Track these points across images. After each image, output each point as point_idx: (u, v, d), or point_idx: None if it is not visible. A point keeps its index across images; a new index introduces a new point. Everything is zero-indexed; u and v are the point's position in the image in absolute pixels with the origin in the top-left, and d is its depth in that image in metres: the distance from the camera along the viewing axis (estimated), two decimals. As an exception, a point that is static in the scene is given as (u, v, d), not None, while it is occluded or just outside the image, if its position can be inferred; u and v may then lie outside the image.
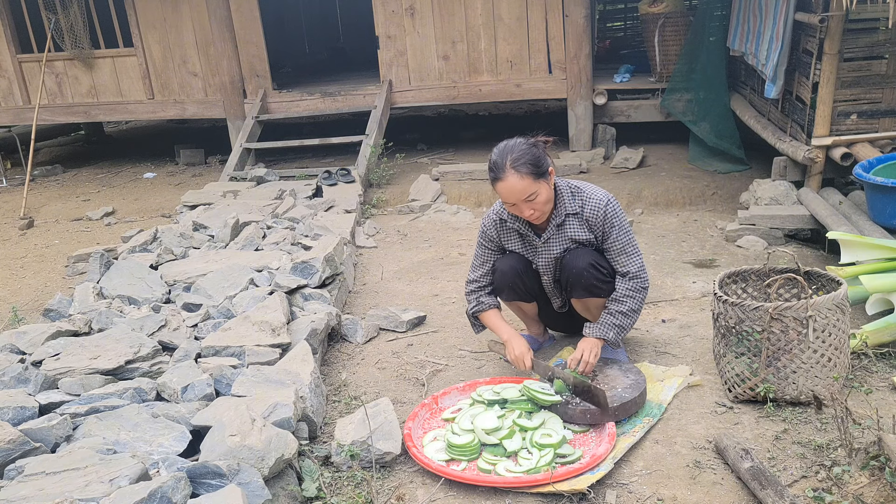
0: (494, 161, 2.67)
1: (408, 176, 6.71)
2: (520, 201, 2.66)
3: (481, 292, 2.99)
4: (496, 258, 2.98)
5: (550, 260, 2.86)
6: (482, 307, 2.98)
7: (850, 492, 2.03)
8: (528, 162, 2.62)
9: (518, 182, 2.62)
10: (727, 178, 5.90)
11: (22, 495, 1.96)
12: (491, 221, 2.94)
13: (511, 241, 2.94)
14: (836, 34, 4.42)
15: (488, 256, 2.99)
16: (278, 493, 2.17)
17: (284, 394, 2.47)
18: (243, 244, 4.43)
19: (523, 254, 2.93)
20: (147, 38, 7.78)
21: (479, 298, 2.98)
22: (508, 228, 2.91)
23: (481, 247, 2.99)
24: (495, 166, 2.66)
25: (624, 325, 2.80)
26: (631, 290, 2.78)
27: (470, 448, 2.42)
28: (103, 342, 2.98)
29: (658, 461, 2.38)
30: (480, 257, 3.00)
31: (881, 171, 4.07)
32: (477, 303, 2.99)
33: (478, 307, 2.98)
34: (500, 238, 2.95)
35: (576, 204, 2.80)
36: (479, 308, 2.98)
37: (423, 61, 7.30)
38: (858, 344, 2.82)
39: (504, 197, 2.69)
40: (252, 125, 7.37)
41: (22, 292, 4.67)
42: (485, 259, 2.99)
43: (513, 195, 2.65)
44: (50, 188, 7.79)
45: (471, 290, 3.01)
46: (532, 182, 2.62)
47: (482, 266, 2.99)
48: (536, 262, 2.91)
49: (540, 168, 2.64)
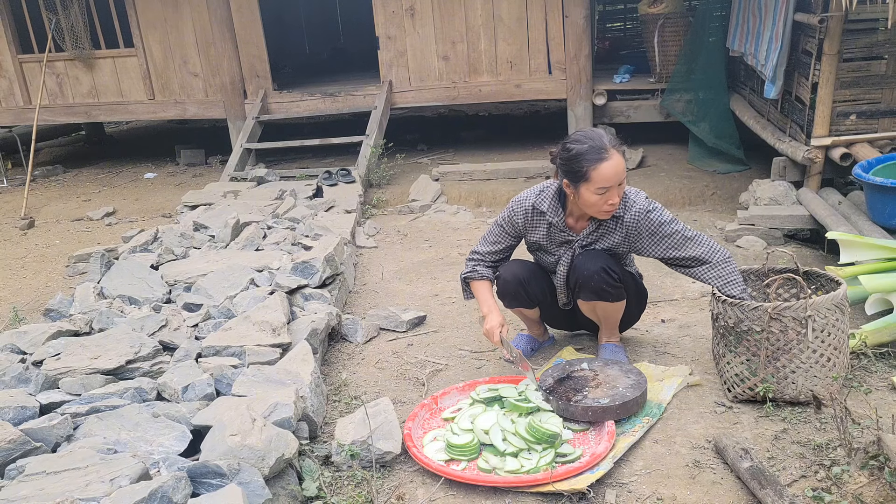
0: (590, 146, 2.58)
1: (408, 176, 6.72)
2: (615, 186, 2.60)
3: (481, 263, 2.96)
4: (510, 244, 2.94)
5: (573, 254, 2.84)
6: (475, 275, 2.94)
7: (850, 491, 2.03)
8: (621, 144, 2.64)
9: (622, 162, 2.59)
10: (727, 178, 5.91)
11: (22, 495, 1.96)
12: (522, 209, 2.86)
13: (537, 233, 2.88)
14: (835, 34, 4.42)
15: (502, 239, 2.93)
16: (279, 492, 2.17)
17: (285, 393, 2.48)
18: (244, 244, 4.44)
19: (542, 243, 2.89)
20: (148, 38, 7.79)
21: (475, 266, 2.96)
22: (542, 220, 2.84)
23: (499, 227, 2.93)
24: (593, 149, 2.57)
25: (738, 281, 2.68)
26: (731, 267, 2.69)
27: (470, 448, 2.42)
28: (104, 342, 2.99)
29: (658, 461, 2.38)
30: (494, 235, 2.94)
31: (880, 171, 4.07)
32: (472, 270, 2.96)
33: (471, 273, 2.95)
34: (525, 226, 2.88)
35: (620, 208, 2.75)
36: (472, 275, 2.95)
37: (423, 62, 7.30)
38: (858, 344, 2.82)
39: (607, 179, 2.57)
40: (252, 125, 7.38)
41: (23, 292, 4.68)
42: (497, 240, 2.94)
43: (618, 175, 2.58)
44: (51, 188, 7.80)
45: (471, 258, 2.98)
46: (625, 167, 2.62)
47: (492, 244, 2.94)
48: (558, 253, 2.87)
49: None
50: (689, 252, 2.72)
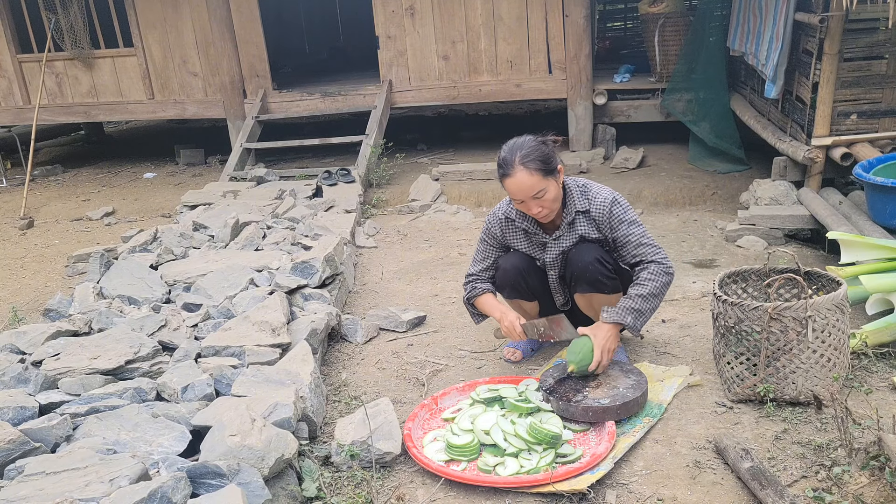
0: (503, 157, 2.67)
1: (408, 176, 6.71)
2: (528, 198, 2.66)
3: (478, 280, 3.00)
4: (499, 255, 2.98)
5: (558, 255, 2.87)
6: (476, 292, 2.98)
7: (850, 492, 2.03)
8: (538, 158, 2.63)
9: (527, 178, 2.62)
10: (727, 178, 5.90)
11: (22, 495, 1.96)
12: (497, 220, 2.95)
13: (517, 240, 2.94)
14: (836, 34, 4.42)
15: (489, 253, 2.99)
16: (278, 493, 2.17)
17: (284, 394, 2.47)
18: (243, 244, 4.43)
19: (528, 252, 2.94)
20: (147, 38, 7.78)
21: (473, 285, 2.99)
22: (515, 227, 2.91)
23: (483, 243, 3.00)
24: (504, 162, 2.66)
25: (643, 309, 2.69)
26: (652, 273, 2.70)
27: (470, 448, 2.42)
28: (103, 342, 2.98)
29: (658, 461, 2.38)
30: (482, 253, 3.01)
31: (881, 171, 4.07)
32: (472, 289, 2.99)
33: (472, 292, 2.99)
34: (504, 236, 2.95)
35: (584, 202, 2.80)
36: (474, 293, 2.98)
37: (423, 61, 7.30)
38: (858, 344, 2.82)
39: (513, 193, 2.68)
40: (252, 125, 7.37)
41: (22, 292, 4.68)
42: (486, 255, 3.00)
43: (522, 191, 2.65)
44: (50, 188, 7.79)
45: (467, 281, 3.03)
46: (541, 179, 2.63)
47: (482, 262, 3.00)
48: (543, 259, 2.91)
49: (549, 165, 2.65)
50: (637, 257, 2.78)
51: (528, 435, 2.43)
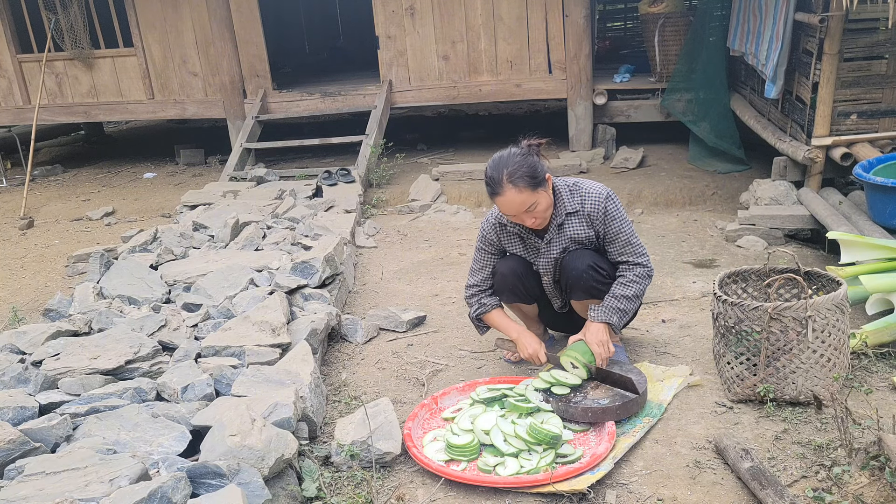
0: (490, 176, 2.65)
1: (408, 176, 6.71)
2: (520, 213, 2.66)
3: (482, 294, 2.98)
4: (496, 261, 2.97)
5: (551, 260, 2.86)
6: (485, 308, 2.97)
7: (850, 492, 2.03)
8: (525, 174, 2.60)
9: (517, 196, 2.60)
10: (727, 178, 5.90)
11: (22, 495, 1.96)
12: (490, 225, 2.93)
13: (512, 244, 2.93)
14: (836, 34, 4.41)
15: (488, 260, 2.97)
16: (278, 493, 2.17)
17: (284, 394, 2.47)
18: (243, 244, 4.43)
19: (524, 256, 2.93)
20: (147, 38, 7.78)
21: (480, 300, 2.97)
22: (509, 232, 2.90)
23: (480, 251, 2.98)
24: (492, 181, 2.64)
25: (627, 310, 2.79)
26: (637, 275, 2.78)
27: (470, 448, 2.42)
28: (103, 342, 2.98)
29: (658, 461, 2.38)
30: (480, 261, 2.98)
31: (881, 171, 4.07)
32: (479, 305, 2.97)
33: (480, 309, 2.97)
34: (500, 241, 2.94)
35: (575, 201, 2.79)
36: (483, 310, 2.97)
37: (423, 61, 7.30)
38: (858, 344, 2.82)
39: (504, 211, 2.68)
40: (252, 125, 7.37)
41: (22, 292, 4.68)
42: (484, 263, 2.98)
43: (513, 209, 2.64)
44: (50, 188, 7.79)
45: (471, 293, 3.00)
46: (531, 193, 2.61)
47: (482, 270, 2.98)
48: (537, 264, 2.91)
49: (537, 178, 2.63)
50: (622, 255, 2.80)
51: (528, 435, 2.43)
